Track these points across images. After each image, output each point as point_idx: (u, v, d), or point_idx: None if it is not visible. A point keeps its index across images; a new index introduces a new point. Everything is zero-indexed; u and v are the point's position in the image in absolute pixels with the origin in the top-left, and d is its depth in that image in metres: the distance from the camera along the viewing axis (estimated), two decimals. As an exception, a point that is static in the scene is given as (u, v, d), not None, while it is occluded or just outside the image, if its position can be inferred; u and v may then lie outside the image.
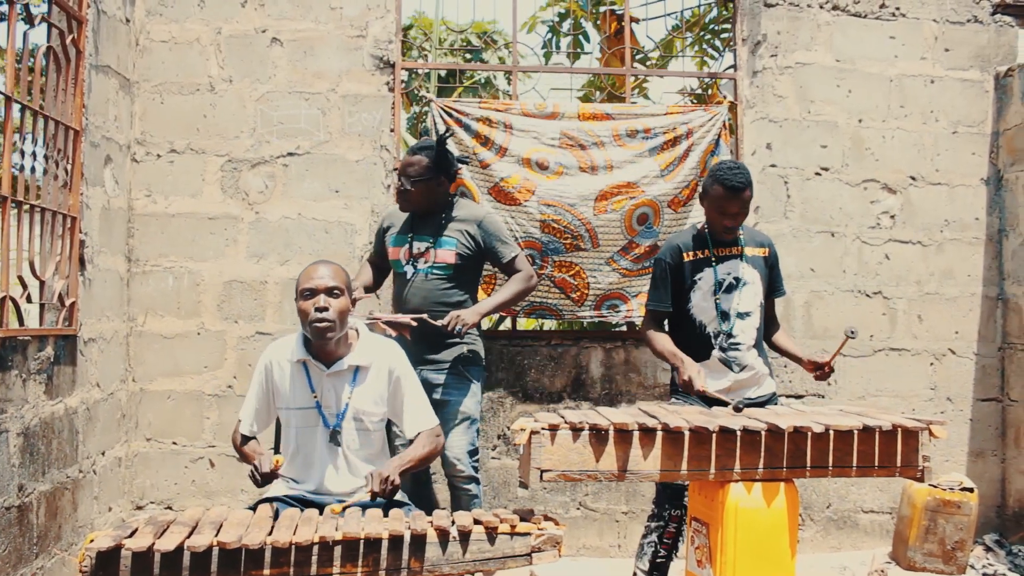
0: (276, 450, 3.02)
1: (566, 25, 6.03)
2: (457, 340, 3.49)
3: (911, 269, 4.70)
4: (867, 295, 4.66)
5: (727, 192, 3.12)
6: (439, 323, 3.38)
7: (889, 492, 4.61)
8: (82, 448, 3.67)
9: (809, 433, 2.67)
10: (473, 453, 3.52)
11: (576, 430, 2.57)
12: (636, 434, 2.60)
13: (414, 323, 3.41)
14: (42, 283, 3.39)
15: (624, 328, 4.68)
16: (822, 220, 4.63)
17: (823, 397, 4.58)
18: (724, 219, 3.16)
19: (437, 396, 3.44)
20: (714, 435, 2.62)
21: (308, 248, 4.32)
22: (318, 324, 2.74)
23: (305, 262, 4.25)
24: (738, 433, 2.64)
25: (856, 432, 2.71)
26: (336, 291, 2.77)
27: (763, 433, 2.66)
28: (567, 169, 4.30)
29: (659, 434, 2.62)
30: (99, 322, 3.88)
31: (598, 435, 2.59)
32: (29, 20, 3.23)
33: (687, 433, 2.62)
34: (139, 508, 4.23)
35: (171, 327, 4.27)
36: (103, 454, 3.92)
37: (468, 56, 9.15)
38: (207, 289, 4.29)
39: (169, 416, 4.26)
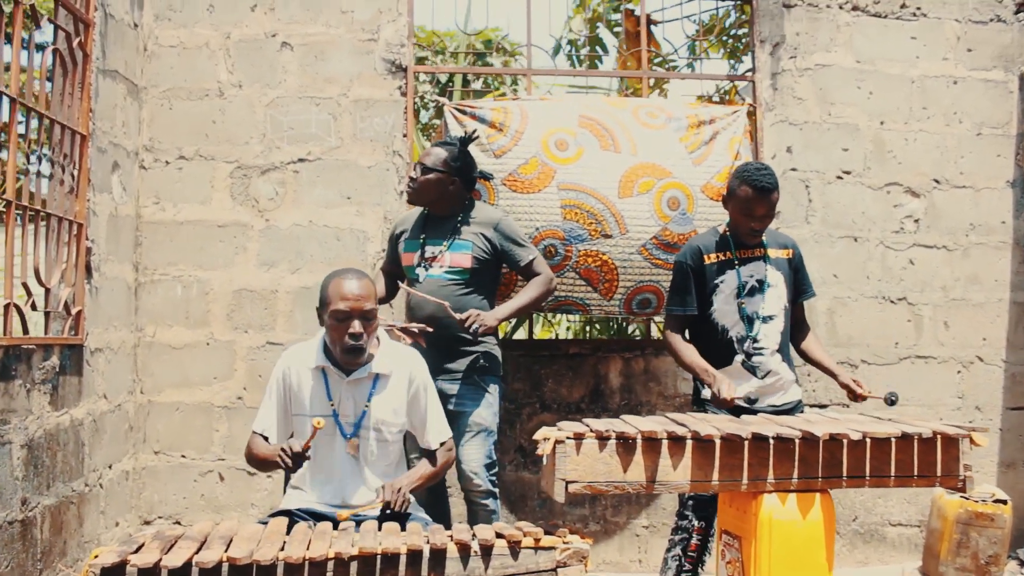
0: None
1: (582, 35, 5.96)
2: (472, 346, 3.38)
3: (936, 274, 4.57)
4: (891, 301, 4.54)
5: (755, 193, 3.01)
6: (458, 316, 3.26)
7: (917, 504, 4.47)
8: (88, 461, 3.56)
9: (845, 441, 2.55)
10: (491, 467, 3.41)
11: (603, 439, 2.46)
12: (665, 443, 2.49)
13: (430, 329, 3.30)
14: (47, 291, 3.30)
15: (643, 334, 4.56)
16: (844, 225, 4.52)
17: (848, 407, 4.45)
18: (751, 222, 3.05)
19: (451, 407, 3.33)
20: (747, 443, 2.51)
21: (320, 256, 4.22)
22: (351, 352, 2.66)
23: (317, 270, 4.19)
24: (771, 441, 2.52)
25: (894, 440, 2.59)
26: (371, 314, 2.67)
27: (797, 441, 2.54)
28: (588, 149, 3.98)
29: (689, 443, 2.50)
30: (106, 332, 3.78)
31: (625, 444, 2.47)
32: (35, 21, 3.16)
33: (718, 441, 2.50)
34: (147, 523, 4.12)
35: (180, 337, 4.17)
36: (110, 467, 3.82)
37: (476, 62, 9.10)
38: (216, 298, 4.19)
39: (178, 428, 4.15)
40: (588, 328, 5.54)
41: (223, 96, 4.25)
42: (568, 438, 2.44)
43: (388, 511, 2.60)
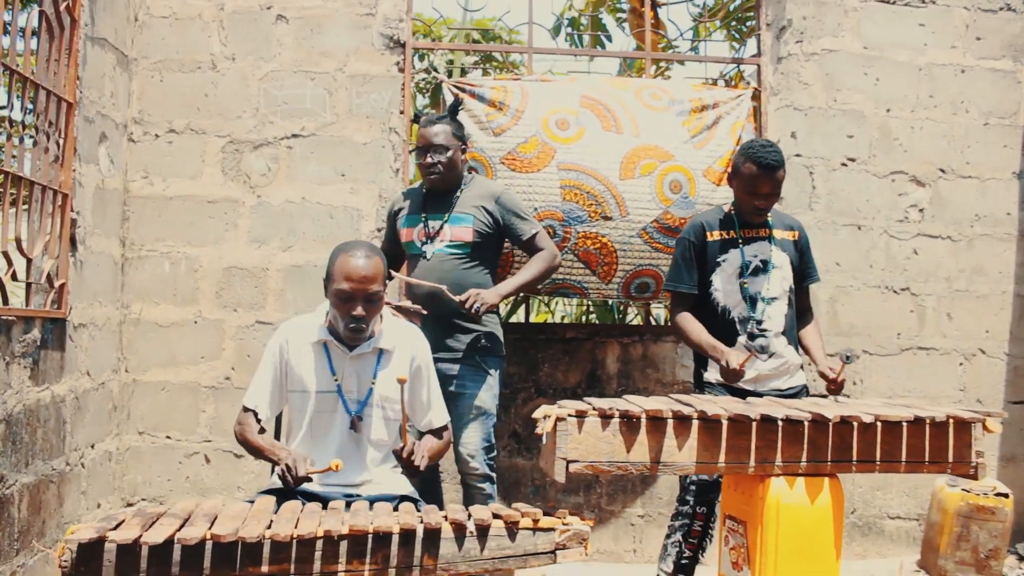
0: (276, 437, 2.80)
1: (584, 20, 5.86)
2: (474, 324, 3.28)
3: (940, 265, 4.50)
4: (894, 291, 4.46)
5: (760, 170, 2.92)
6: (457, 298, 3.16)
7: (916, 497, 4.40)
8: (70, 439, 3.45)
9: (856, 424, 2.47)
10: (489, 450, 3.31)
11: (606, 417, 2.37)
12: (671, 422, 2.40)
13: (424, 312, 3.20)
14: (29, 261, 3.18)
15: (641, 317, 4.47)
16: (848, 213, 4.43)
17: (848, 397, 4.36)
18: (755, 199, 2.96)
19: (451, 388, 3.23)
20: (754, 424, 2.42)
21: (312, 234, 4.12)
22: (353, 332, 2.54)
23: (309, 248, 4.08)
24: (780, 423, 2.43)
25: (906, 424, 2.50)
26: (376, 296, 2.54)
27: (807, 424, 2.45)
28: (589, 129, 3.91)
29: (695, 423, 2.41)
30: (91, 307, 3.67)
31: (629, 423, 2.38)
32: (20, -20, 3.04)
33: (725, 422, 2.41)
34: (130, 505, 4.01)
35: (167, 315, 4.06)
36: (92, 447, 3.70)
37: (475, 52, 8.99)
38: (205, 276, 4.08)
39: (163, 409, 4.04)
40: (586, 314, 5.45)
41: (216, 69, 4.13)
42: (570, 415, 2.34)
43: (406, 462, 2.48)
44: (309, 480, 2.43)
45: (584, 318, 5.42)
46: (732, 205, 3.10)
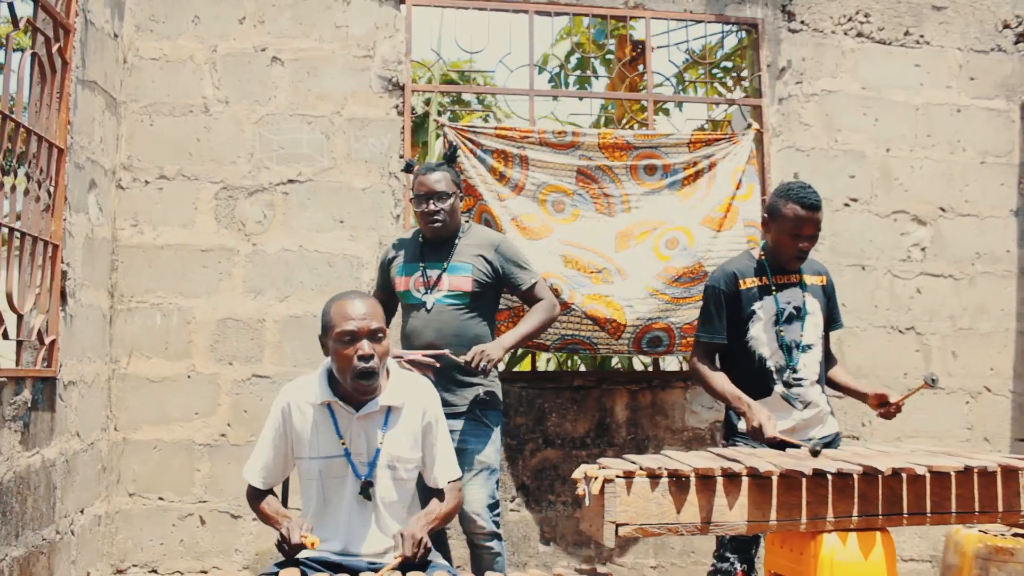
0: (284, 503, 2.65)
1: (573, 60, 5.83)
2: (475, 380, 3.15)
3: (944, 304, 4.48)
4: (900, 331, 4.43)
5: (805, 211, 2.85)
6: (462, 359, 3.03)
7: (929, 539, 4.33)
8: (60, 506, 3.24)
9: (905, 475, 2.37)
10: (494, 507, 3.16)
11: (654, 477, 2.25)
12: (720, 480, 2.28)
13: (437, 364, 3.07)
14: (20, 317, 3.00)
15: (652, 367, 4.38)
16: (852, 253, 4.40)
17: (857, 439, 4.31)
18: (799, 242, 2.88)
19: (453, 444, 3.09)
20: (805, 480, 2.31)
21: (310, 283, 3.97)
22: (363, 379, 2.39)
23: (307, 298, 3.94)
24: (830, 477, 2.33)
25: (954, 474, 2.42)
26: (380, 334, 2.41)
27: (856, 477, 2.35)
28: (584, 213, 4.06)
29: (745, 480, 2.30)
30: (80, 363, 3.48)
31: (678, 482, 2.26)
32: (13, 22, 2.90)
33: (775, 478, 2.31)
34: (120, 572, 3.78)
35: (158, 369, 3.87)
36: (82, 512, 3.49)
37: (451, 96, 8.93)
38: (199, 328, 3.90)
39: (155, 468, 3.83)
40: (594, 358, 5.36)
41: (208, 112, 4.00)
42: (618, 476, 2.22)
43: (409, 562, 2.34)
44: (303, 548, 2.30)
45: (596, 359, 5.31)
46: (762, 250, 3.02)
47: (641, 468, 2.26)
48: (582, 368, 5.87)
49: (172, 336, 3.89)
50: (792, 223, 2.86)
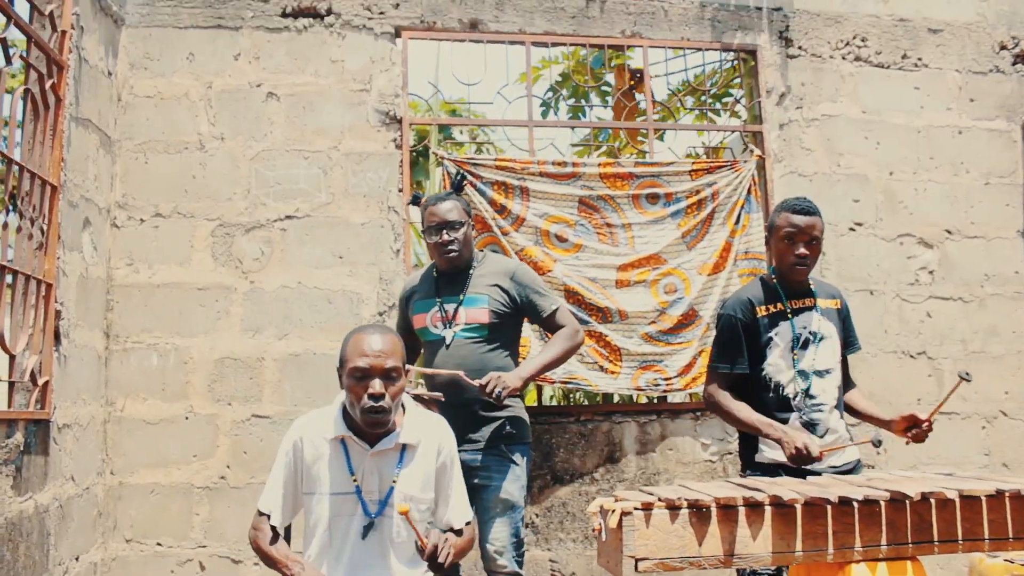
0: (287, 540, 2.53)
1: (564, 89, 5.82)
2: (497, 412, 3.04)
3: (954, 327, 4.40)
4: (911, 356, 4.35)
5: (797, 216, 2.79)
6: (477, 382, 2.93)
7: (950, 569, 4.20)
8: (54, 553, 3.12)
9: (934, 501, 2.28)
10: (518, 545, 3.03)
11: (674, 508, 2.15)
12: (742, 510, 2.18)
13: (442, 398, 2.97)
14: (12, 358, 2.91)
15: (657, 400, 4.29)
16: (859, 278, 4.34)
17: (873, 468, 4.20)
18: (795, 248, 2.80)
19: (475, 480, 2.98)
20: (830, 507, 2.22)
21: (310, 320, 3.89)
22: (373, 415, 2.31)
23: (307, 336, 3.86)
24: (856, 504, 2.24)
25: (985, 498, 2.32)
26: (394, 373, 2.32)
27: (883, 503, 2.26)
28: (586, 243, 4.06)
29: (768, 509, 2.20)
30: (74, 406, 3.38)
31: (699, 513, 2.16)
32: (6, 58, 2.85)
33: (800, 507, 2.21)
34: (115, 624, 3.65)
35: (155, 411, 3.77)
36: (77, 559, 3.37)
37: (448, 134, 8.89)
38: (196, 368, 3.81)
39: (152, 513, 3.72)
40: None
41: (204, 149, 3.95)
42: (636, 508, 2.12)
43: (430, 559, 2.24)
44: None
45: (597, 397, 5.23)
46: (772, 275, 2.94)
47: (660, 499, 2.16)
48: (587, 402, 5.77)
49: (169, 376, 3.79)
50: (787, 233, 2.81)
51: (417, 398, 2.99)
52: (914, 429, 2.88)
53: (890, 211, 4.41)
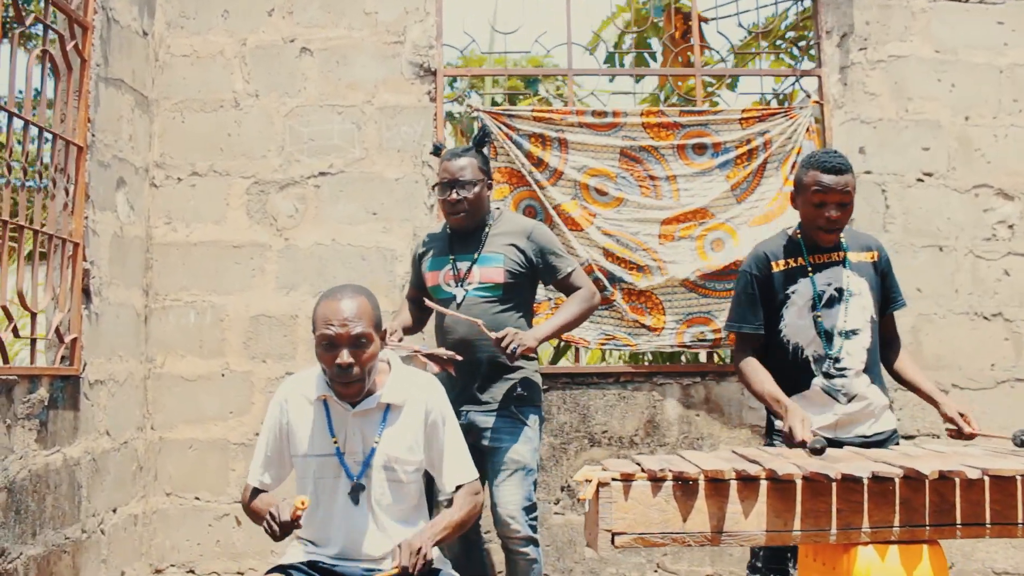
0: None
1: (628, 41, 5.57)
2: (509, 373, 2.95)
3: (1035, 287, 4.04)
4: (985, 317, 4.01)
5: (826, 174, 2.53)
6: (494, 335, 2.82)
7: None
8: (86, 505, 3.22)
9: (958, 480, 2.07)
10: (530, 509, 2.95)
11: (656, 480, 2.01)
12: (734, 484, 2.03)
13: (459, 357, 2.89)
14: (34, 316, 2.98)
15: (704, 360, 4.11)
16: (928, 233, 4.01)
17: (938, 437, 3.92)
18: (825, 210, 2.55)
19: (486, 442, 2.91)
20: (835, 484, 2.03)
21: (344, 277, 3.86)
22: (343, 385, 2.24)
23: (340, 293, 3.82)
24: (865, 482, 2.05)
25: (1019, 478, 2.09)
26: (362, 339, 2.22)
27: (898, 481, 2.06)
28: (628, 197, 3.89)
29: (763, 484, 2.04)
30: (109, 362, 3.46)
31: (685, 487, 2.02)
32: (19, 19, 2.87)
33: (799, 482, 2.04)
34: (158, 572, 3.76)
35: (193, 368, 3.83)
36: (115, 511, 3.47)
37: (522, 90, 8.75)
38: (232, 325, 3.85)
39: (191, 468, 3.80)
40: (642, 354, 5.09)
41: (239, 107, 3.94)
42: (614, 479, 1.99)
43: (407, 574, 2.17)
44: (298, 526, 2.16)
45: (640, 358, 5.06)
46: (798, 229, 2.71)
47: (643, 470, 2.03)
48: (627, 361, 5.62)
49: (206, 334, 3.85)
50: (815, 192, 2.55)
51: (433, 357, 2.93)
52: (955, 429, 2.62)
53: (965, 160, 4.05)
